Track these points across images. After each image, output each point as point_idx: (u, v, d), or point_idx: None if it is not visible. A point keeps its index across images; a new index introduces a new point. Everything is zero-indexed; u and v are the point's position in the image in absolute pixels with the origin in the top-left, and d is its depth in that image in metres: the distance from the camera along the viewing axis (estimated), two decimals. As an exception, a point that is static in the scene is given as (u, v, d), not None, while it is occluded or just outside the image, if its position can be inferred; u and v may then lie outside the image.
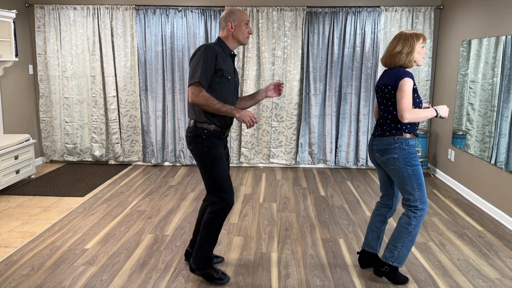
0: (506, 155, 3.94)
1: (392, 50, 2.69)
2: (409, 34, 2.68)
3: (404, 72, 2.64)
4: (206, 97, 2.54)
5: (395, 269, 2.80)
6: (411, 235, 2.71)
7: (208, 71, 2.57)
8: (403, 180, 2.69)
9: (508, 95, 3.91)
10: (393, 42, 2.72)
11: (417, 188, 2.69)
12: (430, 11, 5.48)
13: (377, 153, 2.78)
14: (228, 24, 2.68)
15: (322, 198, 4.65)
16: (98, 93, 5.77)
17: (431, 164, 5.76)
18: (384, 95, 2.73)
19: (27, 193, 4.69)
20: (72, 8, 5.63)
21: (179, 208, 4.28)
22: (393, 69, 2.71)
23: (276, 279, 2.94)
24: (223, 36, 2.73)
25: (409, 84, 2.59)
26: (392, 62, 2.71)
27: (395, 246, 2.74)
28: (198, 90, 2.54)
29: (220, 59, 2.63)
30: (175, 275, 2.98)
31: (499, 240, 3.60)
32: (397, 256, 2.75)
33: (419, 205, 2.70)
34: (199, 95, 2.54)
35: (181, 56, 5.70)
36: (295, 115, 5.79)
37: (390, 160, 2.71)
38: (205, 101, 2.54)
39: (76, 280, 2.89)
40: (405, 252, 2.74)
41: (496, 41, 4.14)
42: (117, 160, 5.98)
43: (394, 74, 2.67)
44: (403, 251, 2.74)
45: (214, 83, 2.62)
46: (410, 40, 2.66)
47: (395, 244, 2.74)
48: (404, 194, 2.73)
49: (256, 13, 5.58)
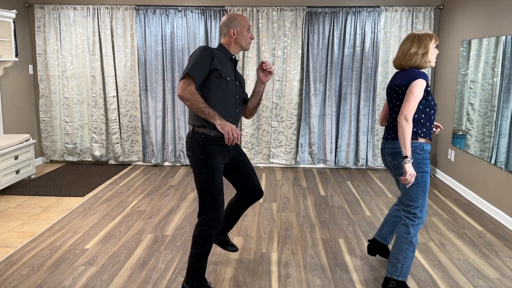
0: (506, 155, 3.94)
1: (407, 51, 2.61)
2: (422, 34, 2.60)
3: (419, 72, 2.55)
4: (192, 92, 2.40)
5: (402, 283, 2.70)
6: (412, 245, 2.65)
7: (201, 68, 2.46)
8: (410, 185, 2.60)
9: (508, 95, 3.91)
10: (406, 43, 2.63)
11: (421, 196, 2.62)
12: (430, 11, 5.48)
13: (388, 157, 2.70)
14: (230, 30, 2.62)
15: (322, 198, 4.65)
16: (98, 93, 5.77)
17: (431, 164, 5.76)
18: (398, 97, 2.64)
19: (27, 193, 4.69)
20: (72, 8, 5.63)
21: (179, 208, 4.28)
22: (407, 70, 2.62)
23: (276, 279, 2.94)
24: (225, 42, 2.67)
25: (420, 86, 2.50)
26: (407, 64, 2.62)
27: (398, 259, 2.67)
28: (186, 83, 2.42)
29: (216, 60, 2.54)
30: (175, 275, 2.98)
31: (499, 240, 3.60)
32: (401, 269, 2.68)
33: (418, 213, 2.64)
34: (186, 88, 2.40)
35: (181, 56, 5.70)
36: (295, 115, 5.79)
37: (401, 164, 2.61)
38: (190, 96, 2.39)
39: (76, 280, 2.89)
40: (408, 264, 2.67)
41: (496, 41, 4.14)
42: (117, 160, 5.99)
43: (408, 75, 2.58)
44: (406, 263, 2.67)
45: (211, 84, 2.53)
46: (424, 40, 2.59)
47: (397, 257, 2.68)
48: (406, 199, 2.66)
49: (256, 13, 5.58)
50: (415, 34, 2.62)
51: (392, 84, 2.69)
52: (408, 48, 2.61)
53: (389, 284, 2.71)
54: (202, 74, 2.48)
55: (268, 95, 5.75)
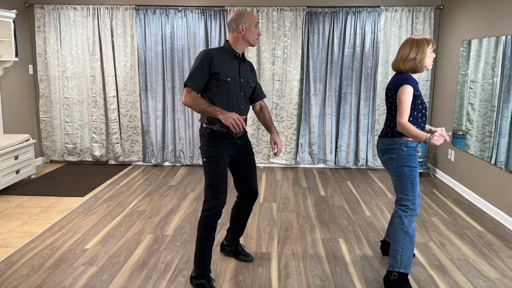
0: (506, 155, 3.94)
1: (406, 56, 2.73)
2: (420, 39, 2.72)
3: (406, 78, 2.70)
4: (193, 97, 2.60)
5: (405, 275, 2.76)
6: (409, 236, 2.74)
7: (199, 75, 2.64)
8: (399, 179, 2.77)
9: (508, 95, 3.91)
10: (405, 48, 2.74)
11: (410, 188, 2.75)
12: (430, 11, 5.48)
13: (379, 153, 2.90)
14: (239, 26, 2.70)
15: (322, 198, 4.66)
16: (98, 93, 5.77)
17: (431, 164, 5.76)
18: (388, 99, 2.83)
19: (27, 193, 4.69)
20: (72, 8, 5.63)
21: (179, 208, 4.28)
22: (398, 74, 2.77)
23: (276, 279, 2.94)
24: (233, 38, 2.74)
25: (407, 92, 2.64)
26: (405, 68, 2.75)
27: (396, 251, 2.75)
28: (187, 91, 2.62)
29: (216, 62, 2.66)
30: (175, 275, 2.98)
31: (499, 240, 3.60)
32: (401, 261, 2.74)
33: (410, 205, 2.76)
34: (187, 96, 2.62)
35: (181, 56, 5.70)
36: (295, 115, 5.79)
37: (388, 160, 2.81)
38: (191, 101, 2.60)
39: (76, 280, 2.89)
40: (408, 255, 2.74)
41: (496, 41, 4.14)
42: (117, 160, 5.99)
43: (397, 80, 2.74)
44: (405, 254, 2.74)
45: (213, 86, 2.69)
46: (422, 45, 2.71)
47: (396, 249, 2.76)
48: (397, 193, 2.81)
49: (256, 13, 5.58)
50: (414, 39, 2.73)
51: (387, 86, 2.84)
52: (407, 53, 2.73)
53: (391, 276, 2.77)
54: (202, 80, 2.65)
55: (268, 95, 5.75)
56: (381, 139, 2.87)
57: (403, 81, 2.68)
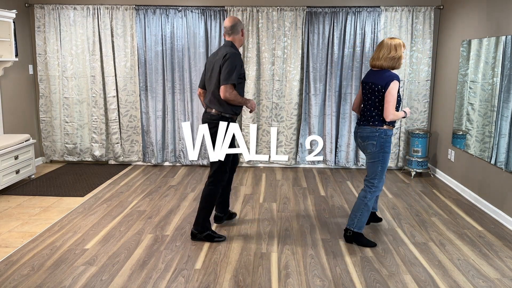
0: (506, 155, 3.94)
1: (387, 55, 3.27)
2: (397, 43, 3.28)
3: (393, 74, 3.25)
4: (235, 94, 3.30)
5: (358, 234, 3.44)
6: (367, 207, 3.39)
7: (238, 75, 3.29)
8: (374, 161, 3.34)
9: (508, 95, 3.91)
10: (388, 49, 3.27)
11: (379, 170, 3.35)
12: (430, 11, 5.48)
13: (359, 139, 3.43)
14: (242, 30, 3.40)
15: (322, 198, 4.66)
16: (98, 93, 5.77)
17: (431, 164, 5.75)
18: (373, 93, 3.31)
19: (27, 193, 4.69)
20: (72, 8, 5.63)
21: (179, 208, 4.29)
22: (382, 71, 3.30)
23: (276, 279, 2.94)
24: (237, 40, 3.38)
25: (396, 87, 3.21)
26: (387, 65, 3.29)
27: (355, 215, 3.42)
28: (231, 89, 3.27)
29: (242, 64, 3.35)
30: (175, 275, 2.98)
31: (499, 240, 3.60)
32: (356, 223, 3.42)
33: (375, 183, 3.37)
34: (232, 93, 3.27)
35: (181, 56, 5.70)
36: (295, 115, 5.79)
37: (369, 145, 3.35)
38: (234, 98, 3.29)
39: (76, 280, 2.89)
40: (363, 220, 3.42)
41: (496, 41, 4.14)
42: (117, 160, 5.99)
43: (384, 76, 3.25)
44: (361, 219, 3.41)
45: (238, 83, 3.33)
46: (399, 48, 3.28)
47: (355, 214, 3.42)
48: (368, 172, 3.39)
49: (256, 13, 5.58)
50: (391, 43, 3.28)
51: (369, 80, 3.36)
52: (388, 53, 3.27)
53: (347, 232, 3.48)
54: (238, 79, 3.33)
55: (268, 95, 5.75)
56: (362, 127, 3.39)
57: (393, 77, 3.22)
